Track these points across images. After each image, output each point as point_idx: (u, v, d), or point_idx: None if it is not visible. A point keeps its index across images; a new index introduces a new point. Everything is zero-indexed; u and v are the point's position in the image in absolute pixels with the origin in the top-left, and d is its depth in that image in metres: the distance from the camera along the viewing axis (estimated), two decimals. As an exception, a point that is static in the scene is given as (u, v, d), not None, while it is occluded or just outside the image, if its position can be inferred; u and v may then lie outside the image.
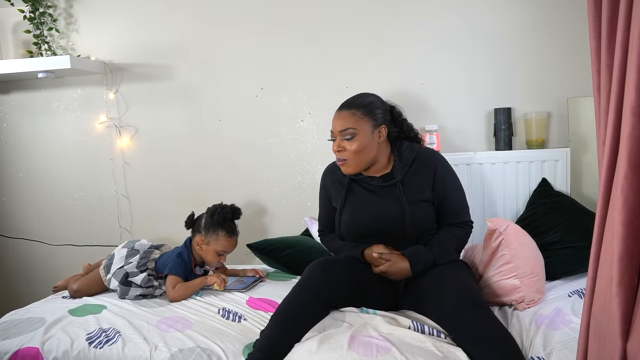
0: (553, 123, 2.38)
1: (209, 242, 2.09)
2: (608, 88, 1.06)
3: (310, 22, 2.54)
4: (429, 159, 1.85)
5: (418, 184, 1.82)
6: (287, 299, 1.65)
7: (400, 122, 1.90)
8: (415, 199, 1.80)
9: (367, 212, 1.84)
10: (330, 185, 1.97)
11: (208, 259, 2.11)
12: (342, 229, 1.90)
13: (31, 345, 1.67)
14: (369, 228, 1.83)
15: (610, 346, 0.98)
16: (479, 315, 1.51)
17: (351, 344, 1.46)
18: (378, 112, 1.81)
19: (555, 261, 1.93)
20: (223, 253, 2.12)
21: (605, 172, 1.04)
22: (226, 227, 2.11)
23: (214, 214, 2.11)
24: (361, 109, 1.79)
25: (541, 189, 2.26)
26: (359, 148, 1.77)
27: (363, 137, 1.77)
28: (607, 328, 1.00)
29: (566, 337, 1.47)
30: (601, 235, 1.08)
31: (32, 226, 2.97)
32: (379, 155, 1.84)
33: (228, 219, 2.12)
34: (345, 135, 1.78)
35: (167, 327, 1.73)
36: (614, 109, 1.00)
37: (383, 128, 1.82)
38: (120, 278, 2.02)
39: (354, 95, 1.87)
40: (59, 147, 2.88)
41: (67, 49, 2.77)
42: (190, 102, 2.72)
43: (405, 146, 1.88)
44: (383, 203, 1.82)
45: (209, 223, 2.11)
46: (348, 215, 1.87)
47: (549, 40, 2.34)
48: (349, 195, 1.89)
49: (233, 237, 2.13)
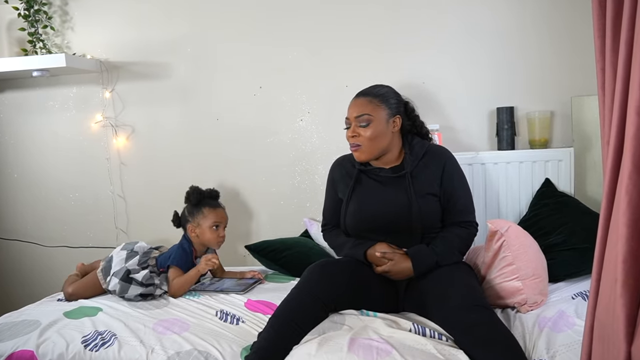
0: (556, 122, 2.38)
1: (199, 223, 2.17)
2: (612, 87, 1.06)
3: (309, 19, 2.54)
4: (439, 154, 1.90)
5: (427, 177, 1.84)
6: (285, 301, 1.65)
7: (413, 117, 1.96)
8: (423, 192, 1.82)
9: (374, 203, 1.86)
10: (339, 178, 1.99)
11: (207, 239, 2.18)
12: (348, 221, 1.91)
13: (26, 348, 1.67)
14: (375, 220, 1.85)
15: (614, 349, 0.98)
16: (483, 316, 1.51)
17: (351, 347, 1.46)
18: (393, 102, 1.87)
19: (559, 263, 1.93)
20: (217, 226, 2.18)
21: (610, 172, 1.04)
22: (206, 202, 2.21)
23: (190, 197, 2.21)
24: (377, 97, 1.85)
25: (544, 190, 2.26)
26: (373, 134, 1.82)
27: (378, 124, 1.82)
28: (612, 330, 1.00)
29: (570, 340, 1.47)
30: (605, 236, 1.08)
31: (26, 227, 2.97)
32: (392, 146, 1.88)
33: (205, 195, 2.23)
34: (361, 122, 1.83)
35: (164, 330, 1.72)
36: (619, 108, 1.00)
37: (398, 118, 1.86)
38: (122, 275, 2.03)
39: (371, 86, 1.92)
40: (54, 146, 2.88)
41: (62, 47, 2.77)
42: (188, 101, 2.72)
43: (416, 141, 1.92)
44: (391, 194, 1.84)
45: (190, 207, 2.21)
46: (354, 206, 1.89)
47: (553, 38, 2.34)
48: (356, 186, 1.92)
49: (218, 208, 2.22)
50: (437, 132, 2.37)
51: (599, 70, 1.13)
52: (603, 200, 1.07)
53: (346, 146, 2.05)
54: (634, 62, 0.93)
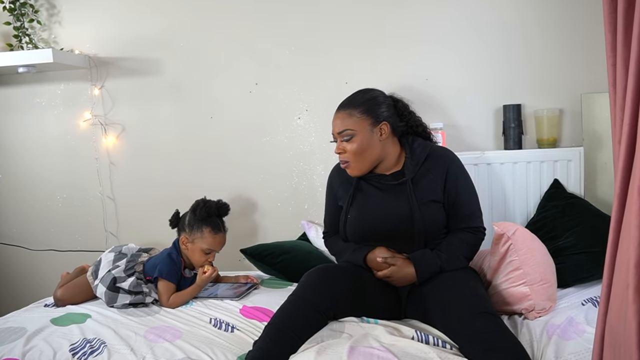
0: (566, 120, 2.38)
1: (194, 241, 2.09)
2: (624, 83, 1.06)
3: (307, 14, 2.55)
4: (441, 157, 1.87)
5: (429, 184, 1.82)
6: (282, 308, 1.65)
7: (406, 116, 1.92)
8: (425, 199, 1.81)
9: (374, 211, 1.85)
10: (338, 185, 1.98)
11: (194, 258, 2.11)
12: (348, 229, 1.90)
13: (11, 356, 1.66)
14: (376, 228, 1.84)
15: (626, 356, 0.98)
16: (489, 324, 1.51)
17: (351, 356, 1.45)
18: (378, 109, 1.83)
19: (568, 267, 1.93)
20: (210, 252, 2.11)
21: (621, 172, 1.04)
22: (211, 223, 2.11)
23: (197, 210, 2.11)
24: (358, 107, 1.81)
25: (553, 191, 2.26)
26: (359, 149, 1.80)
27: (362, 137, 1.79)
28: (623, 337, 1.00)
29: (579, 348, 1.47)
30: (617, 239, 1.08)
31: (12, 230, 2.96)
32: (385, 153, 1.85)
33: (213, 214, 2.12)
34: (344, 137, 1.81)
35: (156, 337, 1.72)
36: (631, 106, 1.00)
37: (384, 125, 1.82)
38: (108, 284, 2.01)
39: (353, 94, 1.89)
40: (40, 145, 2.87)
41: (49, 41, 2.77)
42: (180, 99, 2.72)
43: (418, 143, 1.89)
44: (392, 202, 1.83)
45: (192, 220, 2.11)
46: (355, 214, 1.88)
47: (562, 34, 2.34)
48: (356, 194, 1.90)
49: (219, 234, 2.13)
50: (440, 131, 2.37)
51: (609, 67, 1.13)
52: (614, 201, 1.07)
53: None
54: (646, 58, 0.93)
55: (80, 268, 2.27)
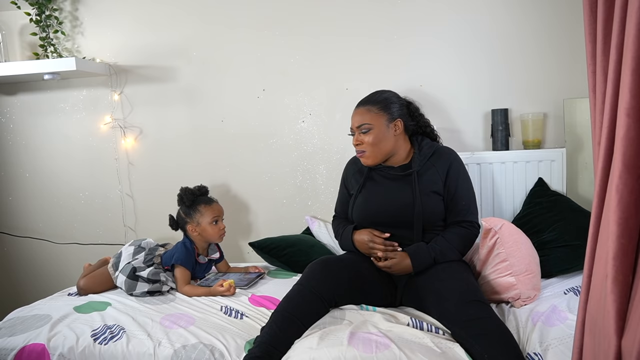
0: (549, 124, 2.38)
1: (198, 222, 2.15)
2: (603, 90, 1.06)
3: (311, 25, 2.54)
4: (446, 154, 1.92)
5: (432, 176, 1.86)
6: (287, 297, 1.66)
7: (417, 117, 1.98)
8: (427, 190, 1.84)
9: (379, 198, 1.89)
10: (352, 175, 2.03)
11: (209, 235, 2.16)
12: (354, 212, 1.94)
13: (37, 341, 1.67)
14: (379, 214, 1.87)
15: (605, 342, 0.98)
16: (480, 311, 1.52)
17: (351, 341, 1.46)
18: (393, 107, 1.89)
19: (552, 259, 1.93)
20: (215, 221, 2.17)
21: (601, 172, 1.04)
22: (200, 200, 2.19)
23: (184, 199, 2.19)
24: (376, 105, 1.87)
25: (537, 189, 2.26)
26: (375, 140, 1.85)
27: (379, 130, 1.85)
28: (602, 325, 1.00)
29: (562, 334, 1.48)
30: (596, 233, 1.09)
31: (38, 225, 2.97)
32: (397, 147, 1.90)
33: (196, 194, 2.21)
34: (362, 130, 1.86)
35: (171, 324, 1.73)
36: (609, 110, 1.00)
37: (399, 121, 1.88)
38: (128, 272, 2.05)
39: (371, 93, 1.95)
40: (64, 147, 2.88)
41: (72, 51, 2.78)
42: (194, 103, 2.72)
43: (425, 142, 1.95)
44: (396, 190, 1.86)
45: (185, 209, 2.19)
46: (361, 200, 1.93)
47: (546, 42, 2.34)
48: (366, 182, 1.95)
49: (213, 203, 2.21)
50: (434, 133, 2.37)
51: (590, 74, 1.13)
52: (594, 198, 1.07)
53: (346, 146, 2.05)
54: (624, 66, 0.93)
55: (103, 260, 2.28)
